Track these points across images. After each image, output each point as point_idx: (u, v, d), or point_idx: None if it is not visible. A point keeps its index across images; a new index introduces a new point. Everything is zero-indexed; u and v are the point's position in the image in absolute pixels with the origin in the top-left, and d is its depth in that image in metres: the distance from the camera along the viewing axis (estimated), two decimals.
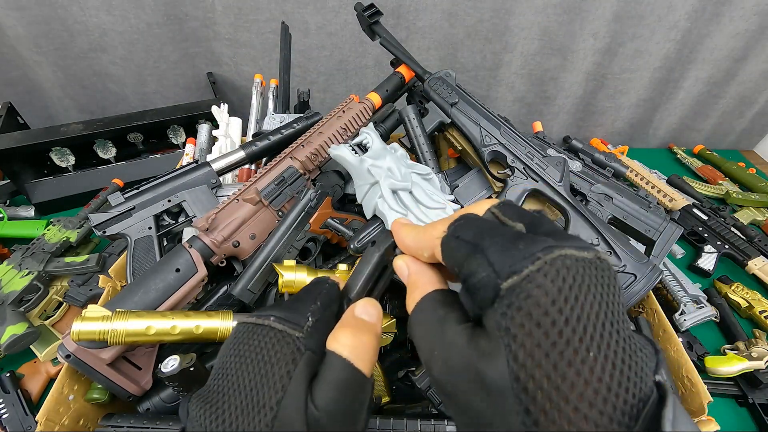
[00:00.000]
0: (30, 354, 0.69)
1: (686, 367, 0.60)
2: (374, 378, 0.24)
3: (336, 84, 1.21)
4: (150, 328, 0.48)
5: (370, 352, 0.22)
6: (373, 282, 0.28)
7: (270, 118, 0.87)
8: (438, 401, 0.49)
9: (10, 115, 1.00)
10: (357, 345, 0.21)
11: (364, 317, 0.23)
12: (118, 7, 1.00)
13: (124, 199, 0.65)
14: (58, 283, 0.78)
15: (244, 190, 0.64)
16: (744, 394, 0.73)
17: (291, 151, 0.67)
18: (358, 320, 0.23)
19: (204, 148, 0.91)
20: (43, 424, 0.48)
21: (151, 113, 1.03)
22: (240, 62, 1.15)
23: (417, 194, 0.50)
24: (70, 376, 0.53)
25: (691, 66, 1.18)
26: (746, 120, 1.35)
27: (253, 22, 1.06)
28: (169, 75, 1.15)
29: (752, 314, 0.84)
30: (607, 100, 1.26)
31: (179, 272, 0.56)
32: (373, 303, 0.24)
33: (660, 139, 1.40)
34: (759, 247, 0.95)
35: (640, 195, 0.73)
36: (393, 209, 0.49)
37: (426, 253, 0.23)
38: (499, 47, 1.13)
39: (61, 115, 1.17)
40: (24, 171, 0.97)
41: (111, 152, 1.03)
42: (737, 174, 1.24)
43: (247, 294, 0.57)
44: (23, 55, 1.04)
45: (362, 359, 0.21)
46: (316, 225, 0.64)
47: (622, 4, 1.05)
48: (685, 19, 1.07)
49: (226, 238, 0.61)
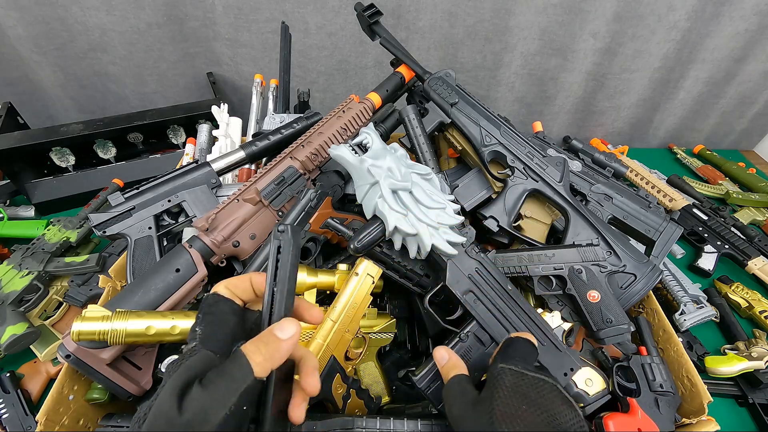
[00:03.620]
0: (30, 354, 0.69)
1: (686, 367, 0.60)
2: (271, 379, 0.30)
3: (336, 84, 1.21)
4: (150, 328, 0.48)
5: (267, 357, 0.28)
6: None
7: (270, 118, 0.87)
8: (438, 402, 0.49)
9: (10, 115, 1.00)
10: (254, 350, 0.28)
11: (277, 333, 0.30)
12: (118, 7, 1.00)
13: (124, 199, 0.65)
14: (58, 283, 0.78)
15: (244, 190, 0.64)
16: (744, 394, 0.73)
17: (291, 151, 0.67)
18: (270, 335, 0.29)
19: (204, 148, 0.91)
20: (43, 424, 0.48)
21: (151, 113, 1.03)
22: (240, 62, 1.15)
23: (417, 194, 0.50)
24: (70, 376, 0.53)
25: (691, 66, 1.18)
26: (746, 120, 1.36)
27: (253, 22, 1.06)
28: (169, 75, 1.15)
29: (752, 314, 0.84)
30: (607, 100, 1.26)
31: (179, 272, 0.56)
32: (290, 323, 0.30)
33: (660, 139, 1.40)
34: (759, 247, 0.95)
35: (640, 195, 0.73)
36: (393, 209, 0.49)
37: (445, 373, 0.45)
38: (499, 47, 1.13)
39: (61, 115, 1.17)
40: (24, 171, 0.97)
41: (111, 152, 1.03)
42: (737, 174, 1.24)
43: None
44: (23, 55, 1.04)
45: (256, 361, 0.27)
46: (316, 225, 0.64)
47: (622, 4, 1.05)
48: (685, 19, 1.07)
49: (226, 238, 0.61)
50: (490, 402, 0.35)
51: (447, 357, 0.45)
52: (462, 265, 0.53)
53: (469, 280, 0.53)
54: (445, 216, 0.51)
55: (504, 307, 0.53)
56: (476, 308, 0.52)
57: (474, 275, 0.53)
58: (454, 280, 0.53)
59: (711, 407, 0.56)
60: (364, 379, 0.60)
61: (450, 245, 0.51)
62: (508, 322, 0.53)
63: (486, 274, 0.54)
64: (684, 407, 0.59)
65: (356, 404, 0.55)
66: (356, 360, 0.58)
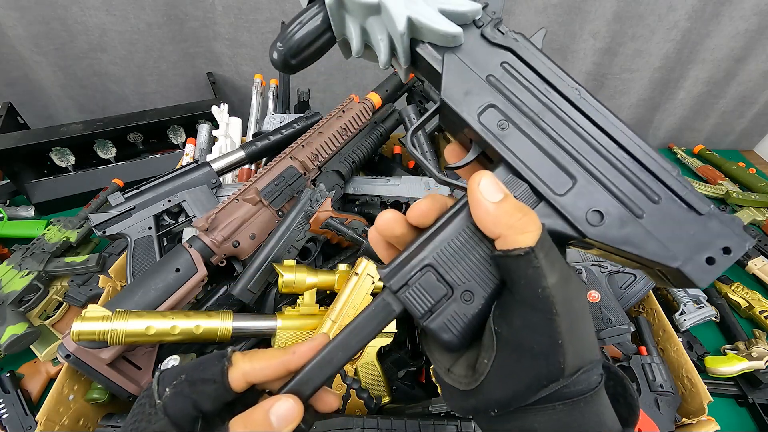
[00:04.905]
0: (30, 354, 0.69)
1: (686, 367, 0.60)
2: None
3: (336, 84, 1.21)
4: (150, 328, 0.48)
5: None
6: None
7: (270, 118, 0.87)
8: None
9: (10, 115, 1.00)
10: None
11: (271, 419, 0.23)
12: (118, 7, 1.00)
13: (124, 199, 0.65)
14: (58, 283, 0.78)
15: (244, 190, 0.64)
16: (744, 394, 0.72)
17: (291, 151, 0.67)
18: (263, 420, 0.23)
19: (204, 148, 0.91)
20: (43, 424, 0.48)
21: (151, 113, 1.03)
22: (240, 62, 1.15)
23: None
24: (70, 376, 0.53)
25: (691, 66, 1.18)
26: (746, 120, 1.35)
27: (253, 22, 1.06)
28: (169, 75, 1.15)
29: (752, 314, 0.84)
30: (607, 100, 1.26)
31: (179, 272, 0.56)
32: (288, 406, 0.23)
33: (660, 139, 1.40)
34: (759, 247, 0.95)
35: None
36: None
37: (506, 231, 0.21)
38: None
39: (61, 115, 1.17)
40: (24, 171, 0.97)
41: (111, 152, 1.03)
42: (737, 174, 1.24)
43: (247, 294, 0.57)
44: (23, 55, 1.04)
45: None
46: (316, 225, 0.64)
47: (622, 4, 1.05)
48: (685, 19, 1.07)
49: (226, 238, 0.61)
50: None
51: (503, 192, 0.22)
52: (474, 57, 0.25)
53: (488, 85, 0.25)
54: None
55: (567, 132, 0.24)
56: (507, 141, 0.25)
57: (500, 77, 0.25)
58: (459, 89, 0.25)
59: (711, 407, 0.56)
60: (364, 379, 0.60)
61: (445, 19, 0.24)
62: (574, 161, 0.24)
63: (526, 70, 0.25)
64: (684, 407, 0.59)
65: (356, 404, 0.55)
66: (356, 360, 0.58)
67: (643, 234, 0.23)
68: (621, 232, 0.23)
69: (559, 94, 0.25)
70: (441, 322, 0.23)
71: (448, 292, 0.23)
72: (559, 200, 0.24)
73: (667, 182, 0.24)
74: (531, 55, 0.25)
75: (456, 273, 0.23)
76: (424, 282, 0.24)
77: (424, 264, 0.24)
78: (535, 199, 0.24)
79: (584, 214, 0.24)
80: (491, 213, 0.21)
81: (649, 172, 0.24)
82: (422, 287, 0.23)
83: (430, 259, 0.24)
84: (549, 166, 0.24)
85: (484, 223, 0.22)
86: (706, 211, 0.23)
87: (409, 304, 0.23)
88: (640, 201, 0.23)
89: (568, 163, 0.24)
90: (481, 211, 0.22)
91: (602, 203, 0.23)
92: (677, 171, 0.24)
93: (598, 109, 0.24)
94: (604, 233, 0.23)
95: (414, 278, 0.24)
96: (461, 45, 0.25)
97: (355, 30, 0.26)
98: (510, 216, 0.21)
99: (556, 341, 0.20)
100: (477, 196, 0.22)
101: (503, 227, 0.21)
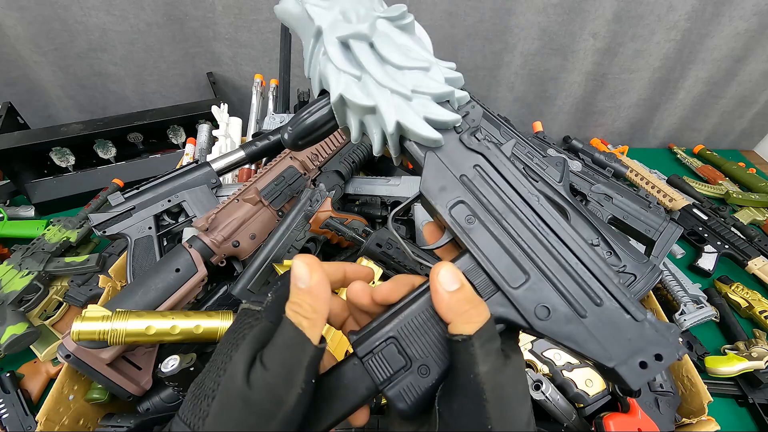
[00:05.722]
0: (30, 354, 0.69)
1: (686, 367, 0.60)
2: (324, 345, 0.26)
3: None
4: (150, 328, 0.48)
5: (309, 312, 0.23)
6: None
7: (270, 118, 0.87)
8: None
9: (10, 115, 1.00)
10: (293, 314, 0.24)
11: (298, 284, 0.24)
12: (118, 7, 1.00)
13: (124, 199, 0.65)
14: (58, 283, 0.78)
15: (244, 190, 0.64)
16: (744, 394, 0.72)
17: (291, 151, 0.67)
18: (295, 290, 0.25)
19: (204, 148, 0.91)
20: (43, 424, 0.48)
21: (151, 113, 1.03)
22: (240, 62, 1.15)
23: (382, 48, 0.29)
24: (70, 376, 0.53)
25: (691, 66, 1.18)
26: (746, 120, 1.35)
27: (253, 22, 1.06)
28: (169, 75, 1.15)
29: (752, 314, 0.84)
30: (607, 100, 1.26)
31: (179, 272, 0.56)
32: (301, 264, 0.24)
33: (660, 139, 1.40)
34: (759, 247, 0.95)
35: (640, 195, 0.74)
36: (340, 69, 0.28)
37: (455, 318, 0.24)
38: (499, 47, 1.13)
39: (61, 115, 1.17)
40: (24, 171, 0.97)
41: (111, 152, 1.03)
42: (737, 174, 1.24)
43: (247, 294, 0.57)
44: (23, 55, 1.04)
45: (301, 322, 0.23)
46: (316, 225, 0.64)
47: (622, 4, 1.05)
48: (685, 19, 1.07)
49: (226, 238, 0.61)
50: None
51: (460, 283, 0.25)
52: (451, 158, 0.29)
53: (461, 184, 0.29)
54: (426, 80, 0.28)
55: (525, 233, 0.28)
56: (472, 234, 0.28)
57: (472, 177, 0.29)
58: (436, 184, 0.29)
59: (711, 407, 0.56)
60: None
61: (429, 126, 0.28)
62: (528, 259, 0.27)
63: (494, 174, 0.29)
64: (684, 407, 0.59)
65: None
66: None
67: (585, 333, 0.26)
68: (565, 329, 0.26)
69: (521, 199, 0.28)
70: (397, 391, 0.25)
71: (407, 364, 0.26)
72: (513, 293, 0.26)
73: (608, 288, 0.26)
74: (500, 162, 0.29)
75: (415, 348, 0.26)
76: (386, 352, 0.26)
77: (389, 336, 0.26)
78: (493, 287, 0.27)
79: (534, 307, 0.26)
80: (445, 300, 0.24)
81: (593, 276, 0.26)
82: (384, 357, 0.26)
83: (394, 332, 0.26)
84: (507, 261, 0.27)
85: (439, 308, 0.25)
86: (641, 318, 0.26)
87: (372, 371, 0.26)
88: (584, 302, 0.26)
89: (524, 260, 0.27)
90: (438, 297, 0.25)
91: (550, 300, 0.26)
92: (618, 279, 0.27)
93: (553, 216, 0.28)
94: (550, 327, 0.26)
95: (378, 348, 0.26)
96: (442, 146, 0.29)
97: (354, 122, 0.30)
98: (461, 305, 0.24)
99: (485, 426, 0.22)
100: (435, 284, 0.25)
101: (453, 314, 0.24)
